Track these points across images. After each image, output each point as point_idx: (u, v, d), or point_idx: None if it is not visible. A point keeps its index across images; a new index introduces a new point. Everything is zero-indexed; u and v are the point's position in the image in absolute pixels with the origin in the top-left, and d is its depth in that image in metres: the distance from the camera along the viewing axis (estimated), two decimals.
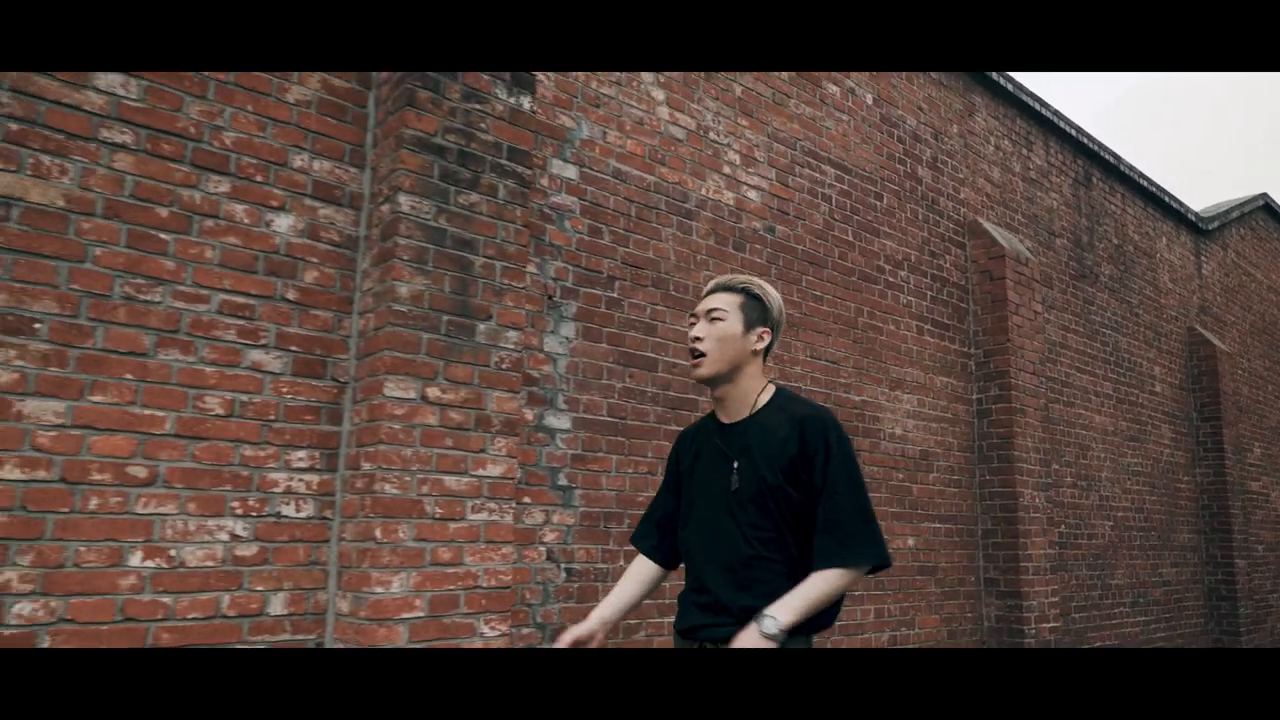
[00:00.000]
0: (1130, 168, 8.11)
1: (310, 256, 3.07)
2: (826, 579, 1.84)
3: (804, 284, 4.93)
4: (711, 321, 2.00)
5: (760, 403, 2.00)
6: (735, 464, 1.95)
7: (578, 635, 1.99)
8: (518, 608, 3.47)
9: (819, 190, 5.12)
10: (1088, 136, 7.61)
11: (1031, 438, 5.98)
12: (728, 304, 2.01)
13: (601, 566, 3.76)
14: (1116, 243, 7.96)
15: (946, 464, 5.70)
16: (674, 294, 4.23)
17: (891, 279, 5.52)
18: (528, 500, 3.56)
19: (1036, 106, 7.02)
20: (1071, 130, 7.42)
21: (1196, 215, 9.13)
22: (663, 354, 4.14)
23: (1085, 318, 7.31)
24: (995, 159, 6.64)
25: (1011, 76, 6.82)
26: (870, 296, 5.35)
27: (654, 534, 2.15)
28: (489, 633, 3.06)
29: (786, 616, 1.79)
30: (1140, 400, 7.87)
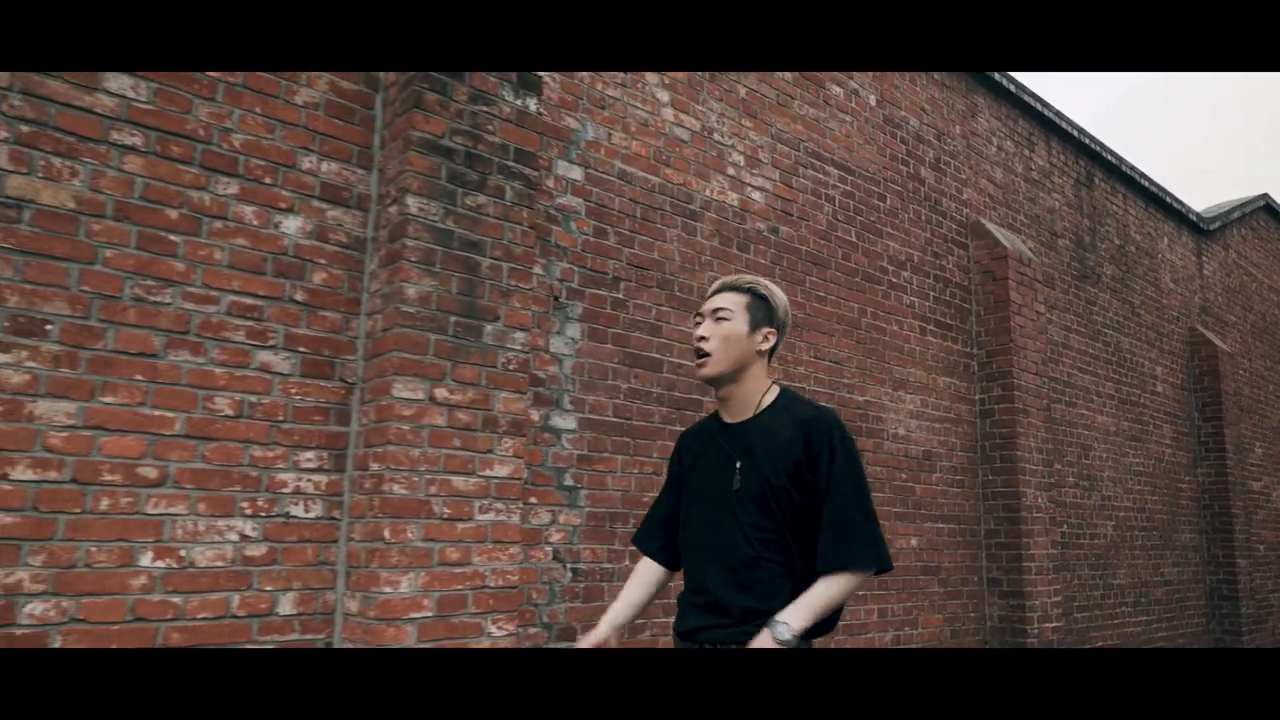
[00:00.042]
0: (1132, 168, 8.13)
1: (318, 258, 3.08)
2: (834, 583, 1.82)
3: (807, 285, 4.95)
4: (717, 321, 1.98)
5: (765, 403, 1.98)
6: (738, 464, 1.93)
7: (593, 642, 1.99)
8: (524, 607, 3.48)
9: (822, 191, 5.14)
10: (1089, 137, 7.62)
11: (1034, 438, 5.99)
12: (733, 304, 1.99)
13: (607, 566, 3.77)
14: (1118, 243, 7.98)
15: (949, 464, 5.71)
16: (679, 295, 4.25)
17: (894, 280, 5.54)
18: (534, 500, 3.58)
19: (1038, 107, 7.03)
20: (1073, 131, 7.43)
21: (1198, 215, 9.15)
22: (668, 355, 4.15)
23: (1087, 318, 7.32)
24: (998, 160, 6.65)
25: (1014, 77, 6.83)
26: (873, 297, 5.36)
27: (657, 534, 2.14)
28: (496, 632, 3.08)
29: (799, 622, 1.77)
30: (1142, 400, 7.88)
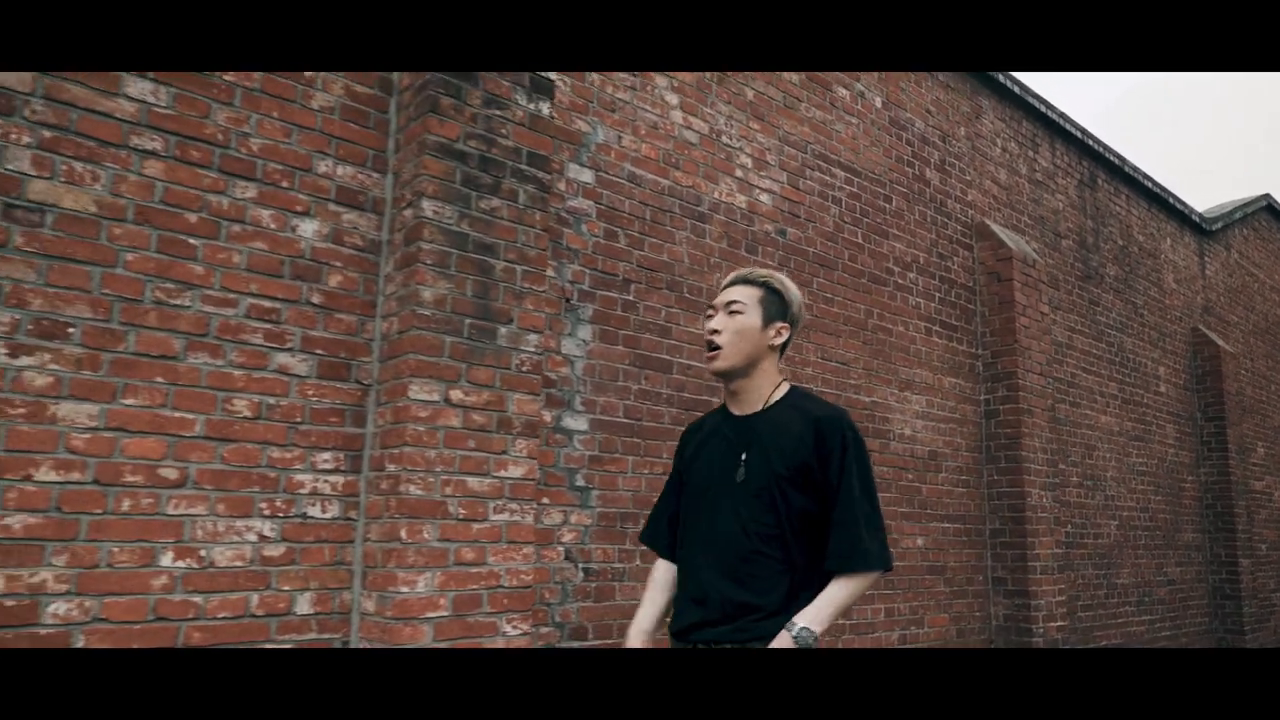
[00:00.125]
0: (1135, 169, 8.16)
1: (334, 261, 3.11)
2: (849, 584, 1.81)
3: (815, 286, 4.98)
4: (730, 314, 1.96)
5: (774, 398, 1.96)
6: (743, 455, 1.90)
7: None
8: (537, 607, 3.51)
9: (829, 193, 5.17)
10: (1093, 138, 7.65)
11: (1039, 438, 6.02)
12: (747, 297, 1.97)
13: (618, 566, 3.80)
14: (1121, 244, 8.01)
15: (955, 464, 5.74)
16: (688, 296, 4.28)
17: (900, 281, 5.57)
18: (546, 501, 3.61)
19: (1042, 109, 7.06)
20: (1077, 132, 7.46)
21: (1200, 216, 9.18)
22: (677, 356, 4.18)
23: (1091, 318, 7.35)
24: (1002, 161, 6.68)
25: (1018, 79, 6.86)
26: (879, 298, 5.39)
27: (667, 532, 2.11)
28: (511, 631, 3.11)
29: (819, 626, 1.77)
30: (1145, 400, 7.91)
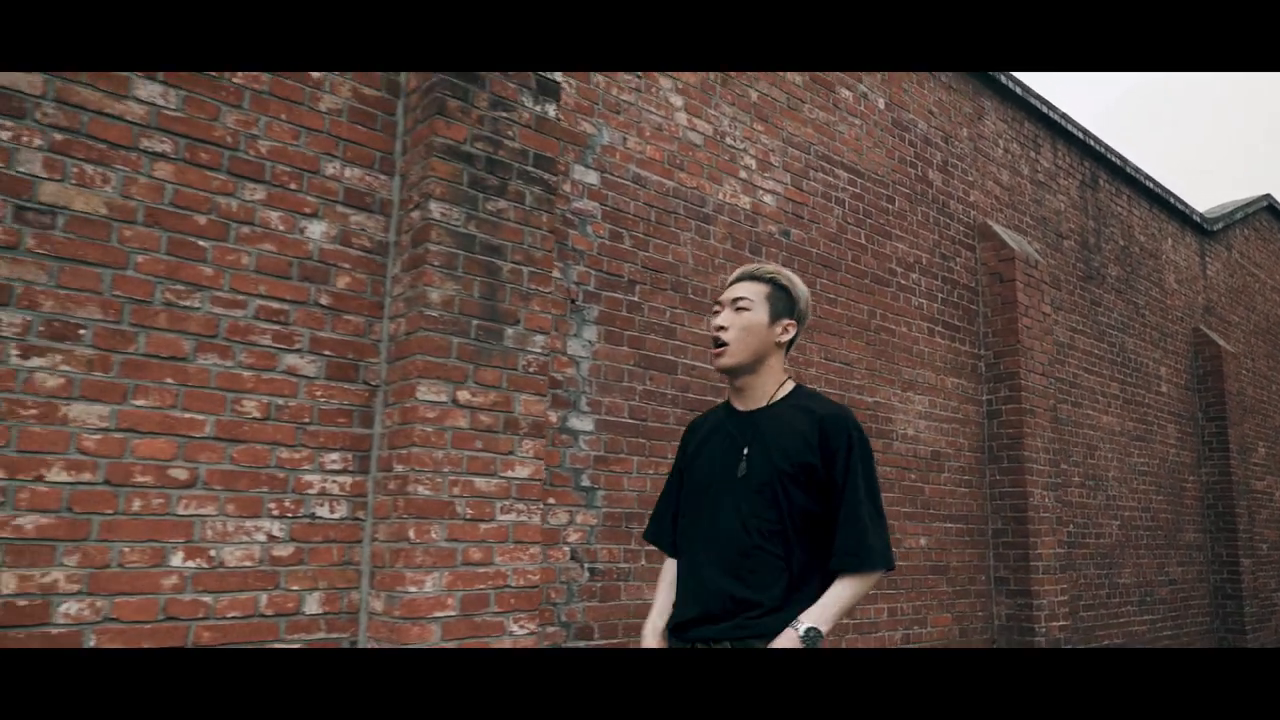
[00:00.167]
0: (1136, 169, 8.17)
1: (342, 262, 3.13)
2: (853, 585, 1.81)
3: (818, 287, 4.99)
4: (737, 311, 1.95)
5: (779, 395, 1.96)
6: (745, 450, 1.90)
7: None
8: (543, 607, 3.52)
9: (832, 194, 5.18)
10: (1094, 139, 7.67)
11: (1041, 438, 6.03)
12: (754, 293, 1.96)
13: (624, 566, 3.82)
14: (1123, 244, 8.02)
15: (957, 464, 5.76)
16: (692, 297, 4.29)
17: (903, 281, 5.58)
18: (552, 501, 3.62)
19: (1044, 109, 7.07)
20: (1078, 133, 7.48)
21: (1201, 216, 9.19)
22: (682, 356, 4.20)
23: (1092, 319, 7.37)
24: (1004, 162, 6.70)
25: (1020, 80, 6.88)
26: (882, 299, 5.41)
27: (670, 529, 2.10)
28: (518, 631, 3.12)
29: (826, 625, 1.77)
30: (1146, 400, 7.93)
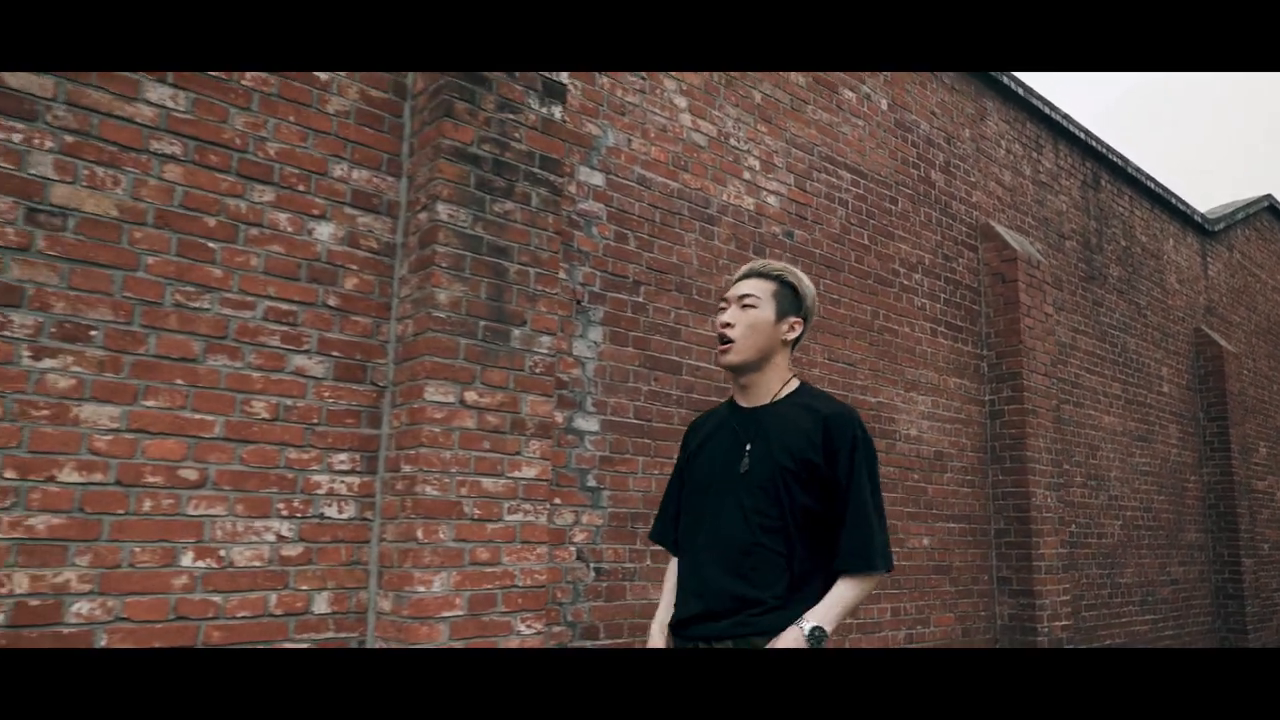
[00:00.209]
0: (1138, 170, 8.19)
1: (350, 264, 3.14)
2: (857, 585, 1.81)
3: (821, 287, 5.01)
4: (743, 308, 1.94)
5: (783, 393, 1.95)
6: (747, 446, 1.89)
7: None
8: (549, 606, 3.54)
9: (836, 195, 5.20)
10: (1096, 139, 7.68)
11: (1043, 438, 6.05)
12: (761, 291, 1.95)
13: (629, 566, 3.83)
14: (1124, 244, 8.04)
15: (960, 464, 5.77)
16: (697, 298, 4.31)
17: (906, 282, 5.60)
18: (558, 501, 3.64)
19: (1046, 110, 7.09)
20: (1080, 133, 7.49)
21: (1202, 217, 9.21)
22: (686, 357, 4.21)
23: (1094, 319, 7.38)
24: (1006, 162, 6.71)
25: (1022, 80, 6.89)
26: (886, 299, 5.42)
27: (672, 528, 2.10)
28: (525, 630, 3.14)
29: (830, 625, 1.77)
30: (1148, 400, 7.94)
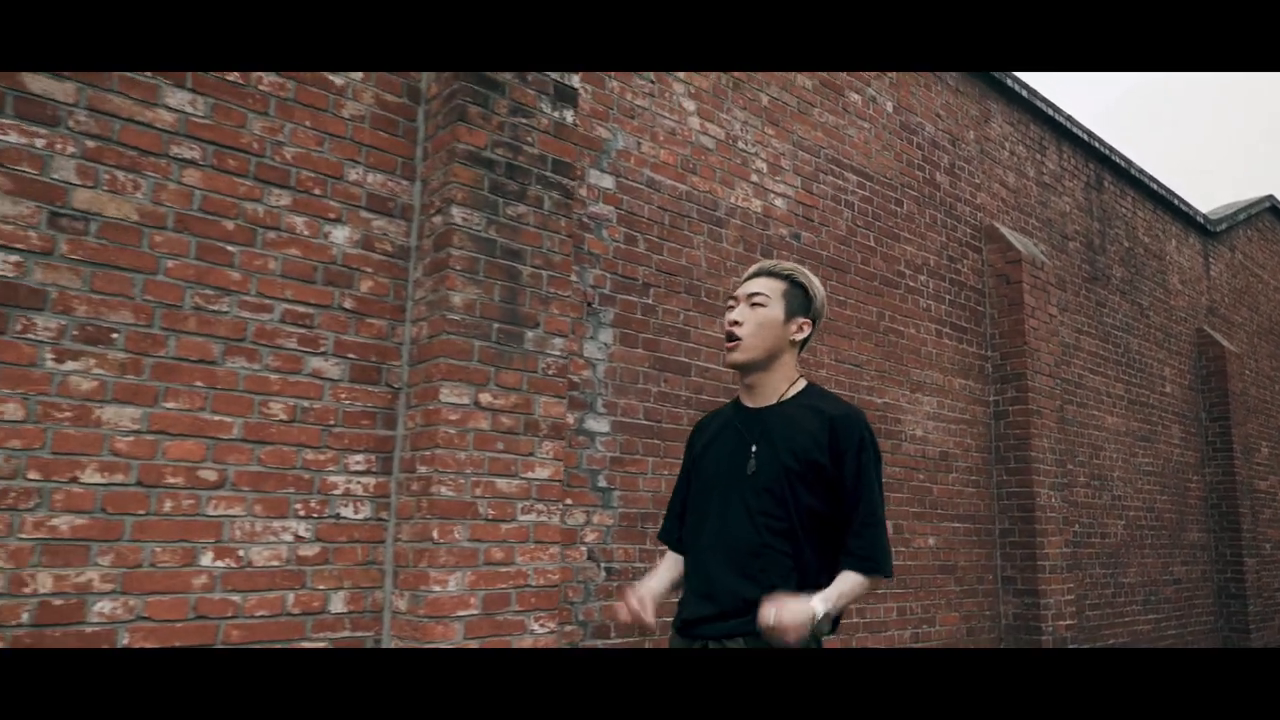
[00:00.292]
0: (1141, 171, 8.22)
1: (365, 267, 3.17)
2: (860, 582, 1.81)
3: (828, 289, 5.04)
4: (752, 306, 1.94)
5: (790, 393, 1.94)
6: (753, 448, 1.89)
7: (638, 596, 1.92)
8: (561, 605, 3.57)
9: (842, 197, 5.23)
10: (1099, 140, 7.71)
11: (1047, 439, 6.08)
12: (770, 290, 1.95)
13: (639, 565, 3.86)
14: (1127, 245, 8.07)
15: (965, 465, 5.80)
16: (705, 300, 4.34)
17: (911, 283, 5.63)
18: (569, 501, 3.67)
19: (1050, 112, 7.12)
20: (1083, 134, 7.53)
21: (1204, 217, 9.24)
22: (695, 359, 4.25)
23: (1098, 320, 7.41)
24: (1010, 164, 6.75)
25: (1025, 82, 6.93)
26: (891, 301, 5.46)
27: (677, 528, 2.10)
28: (538, 629, 3.17)
29: (832, 606, 1.75)
30: (1151, 401, 7.98)
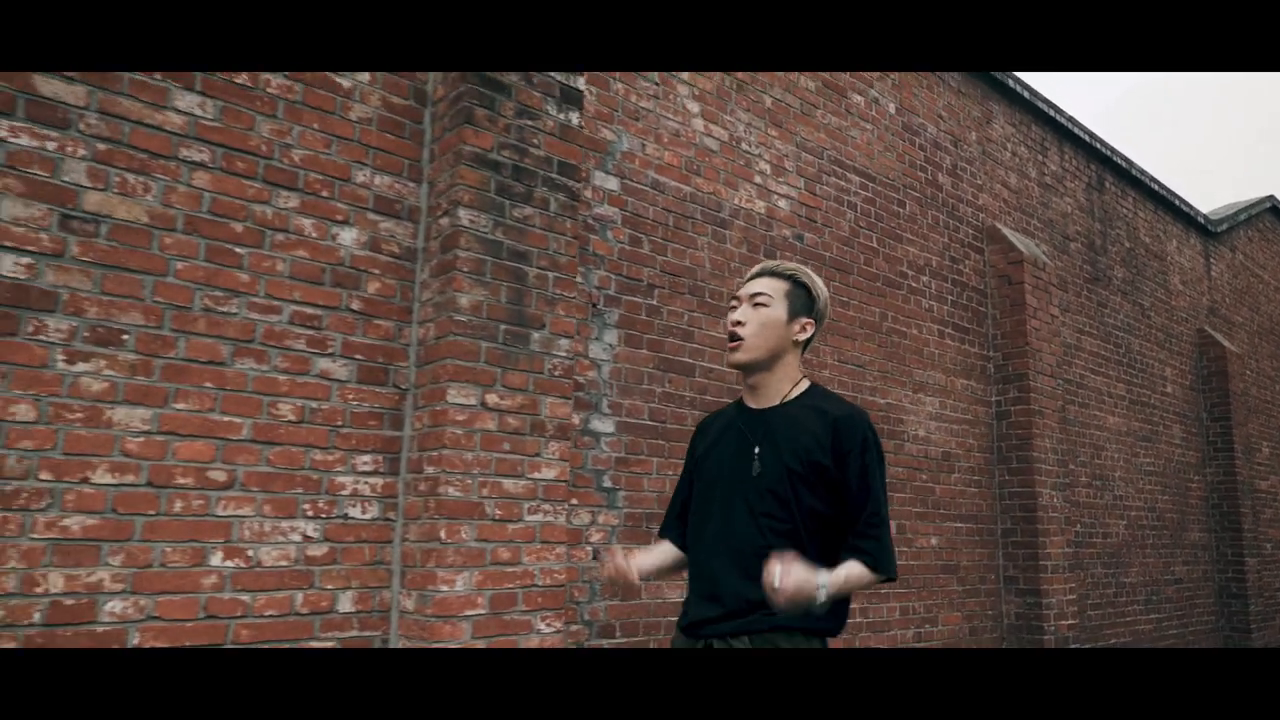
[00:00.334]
0: (1142, 171, 8.24)
1: (372, 268, 3.19)
2: (864, 574, 1.81)
3: (831, 290, 5.05)
4: (755, 306, 1.93)
5: (793, 394, 1.94)
6: (757, 449, 1.88)
7: (619, 559, 1.92)
8: (567, 605, 3.59)
9: (845, 198, 5.25)
10: (1100, 141, 7.73)
11: (1049, 439, 6.10)
12: (773, 290, 1.94)
13: None
14: (1128, 246, 8.09)
15: (967, 465, 5.82)
16: (709, 301, 4.35)
17: (914, 284, 5.65)
18: (575, 501, 3.69)
19: (1051, 113, 7.14)
20: (1085, 135, 7.54)
21: (1205, 218, 9.26)
22: (699, 359, 4.26)
23: (1099, 320, 7.43)
24: (1012, 165, 6.76)
25: (1027, 83, 6.94)
26: (894, 301, 5.47)
27: (676, 526, 2.11)
28: (545, 629, 3.19)
29: (833, 588, 1.74)
30: (1152, 401, 7.99)
